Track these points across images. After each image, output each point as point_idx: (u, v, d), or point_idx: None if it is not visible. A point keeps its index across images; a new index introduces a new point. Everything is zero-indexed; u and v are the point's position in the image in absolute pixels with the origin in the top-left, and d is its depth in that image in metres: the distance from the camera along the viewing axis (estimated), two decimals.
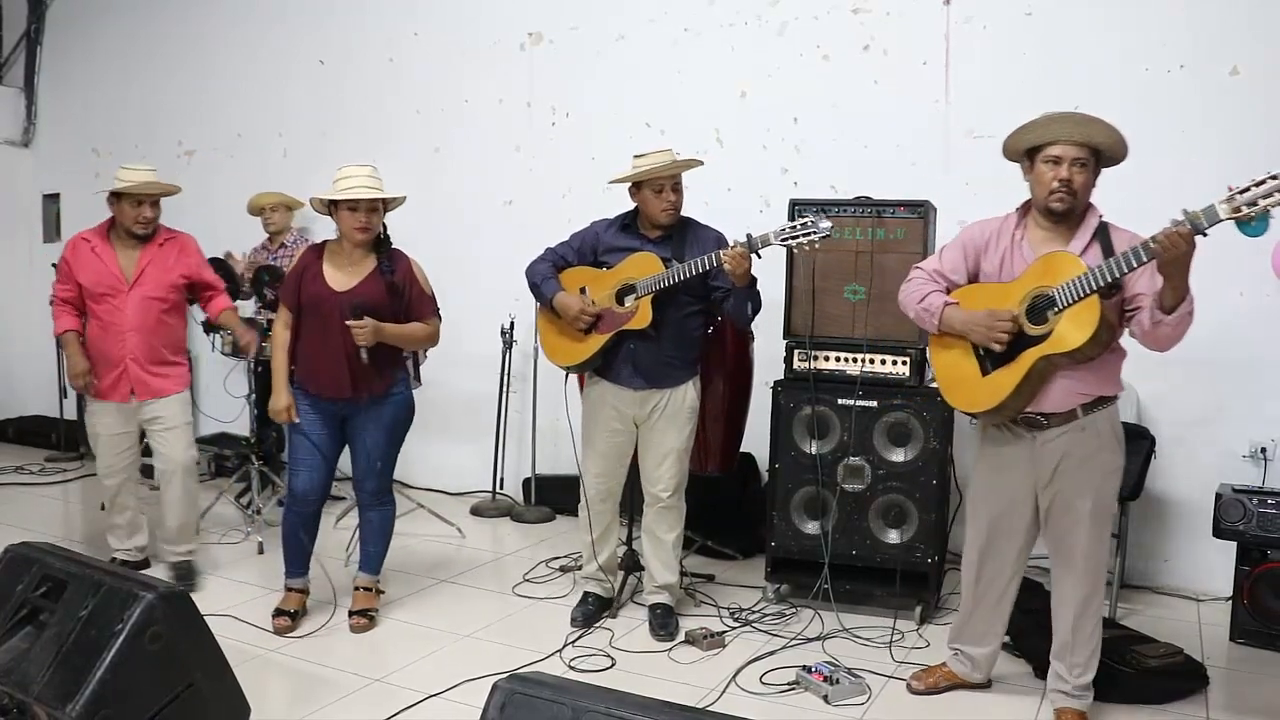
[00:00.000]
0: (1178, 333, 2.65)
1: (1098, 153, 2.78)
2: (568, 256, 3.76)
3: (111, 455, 4.11)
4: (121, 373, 3.98)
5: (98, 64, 7.04)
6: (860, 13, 4.73)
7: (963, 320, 2.91)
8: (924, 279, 3.04)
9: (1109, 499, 2.92)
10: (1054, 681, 3.03)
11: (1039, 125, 2.80)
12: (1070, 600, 2.95)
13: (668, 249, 3.58)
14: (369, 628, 3.72)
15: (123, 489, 4.17)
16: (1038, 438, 2.88)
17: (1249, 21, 4.02)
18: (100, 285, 3.96)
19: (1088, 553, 2.89)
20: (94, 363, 4.02)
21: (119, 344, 3.96)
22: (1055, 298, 2.71)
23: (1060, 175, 2.75)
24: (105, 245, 4.02)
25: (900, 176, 4.39)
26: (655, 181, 3.55)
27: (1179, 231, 2.45)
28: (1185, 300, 2.59)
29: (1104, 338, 2.69)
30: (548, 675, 2.03)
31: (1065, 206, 2.77)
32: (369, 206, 3.49)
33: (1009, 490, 2.98)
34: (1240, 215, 2.40)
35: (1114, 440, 2.88)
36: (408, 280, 3.63)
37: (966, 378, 2.92)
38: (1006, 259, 2.90)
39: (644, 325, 3.53)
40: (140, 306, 3.98)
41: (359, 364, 3.52)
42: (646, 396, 3.64)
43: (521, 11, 5.52)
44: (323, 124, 6.08)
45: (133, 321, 3.97)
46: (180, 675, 2.51)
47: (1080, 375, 2.78)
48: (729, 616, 3.85)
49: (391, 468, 3.80)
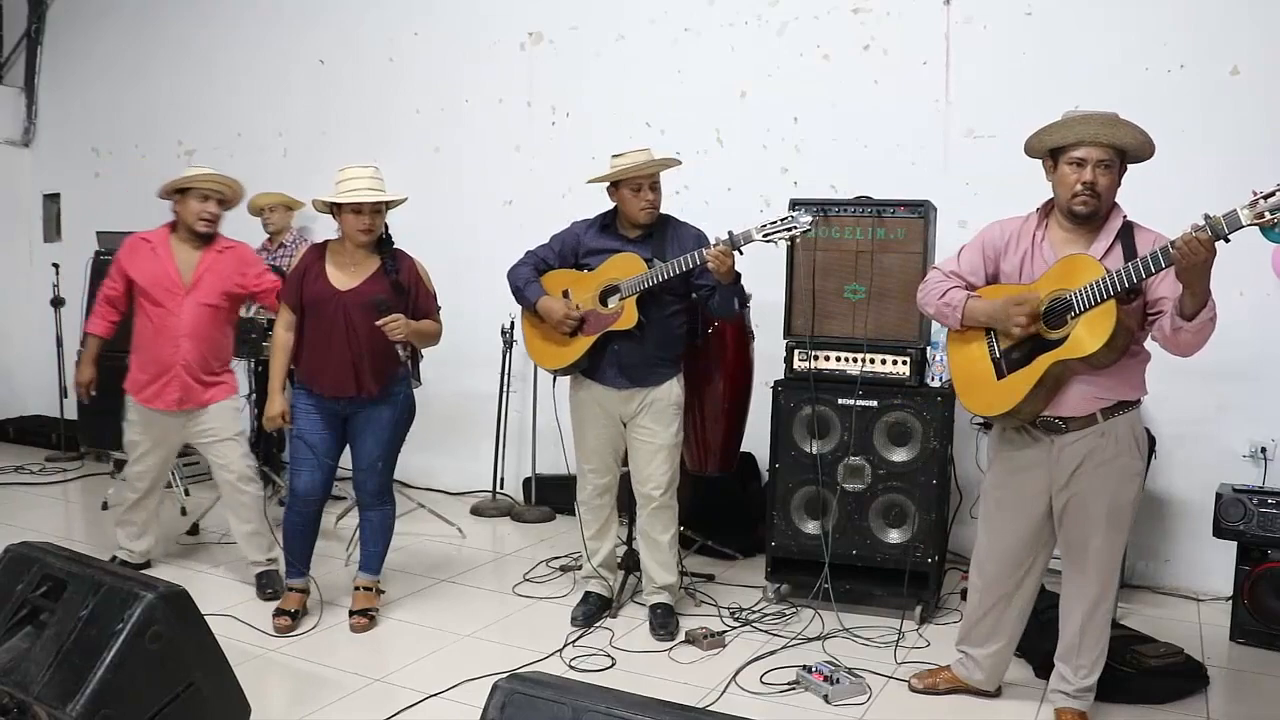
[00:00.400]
0: (1199, 339, 2.59)
1: (1123, 153, 2.73)
2: (549, 259, 3.76)
3: (144, 465, 4.05)
4: (171, 378, 3.89)
5: (98, 64, 7.04)
6: (860, 13, 4.73)
7: (986, 310, 2.85)
8: (940, 279, 3.00)
9: (1126, 503, 2.84)
10: (1056, 682, 3.01)
11: (1064, 125, 2.73)
12: (1080, 602, 2.91)
13: (648, 248, 3.59)
14: (369, 627, 3.72)
15: (149, 495, 4.12)
16: (1056, 441, 2.83)
17: (1249, 21, 4.02)
18: (156, 286, 3.89)
19: (1101, 556, 2.86)
20: (139, 364, 3.95)
21: (172, 349, 3.88)
22: (1073, 301, 2.66)
23: (1084, 178, 2.68)
24: (165, 246, 3.96)
25: (900, 176, 4.40)
26: (633, 181, 3.55)
27: (1198, 238, 2.39)
28: (1207, 306, 2.52)
29: (1120, 343, 2.63)
30: (548, 675, 2.03)
31: (1089, 210, 2.71)
32: (373, 209, 3.50)
33: (1024, 493, 2.93)
34: (1264, 221, 2.34)
35: (1134, 444, 2.82)
36: (413, 279, 3.65)
37: (982, 381, 2.88)
38: (1027, 260, 2.84)
39: (630, 325, 3.54)
40: (195, 313, 3.90)
41: (363, 362, 3.53)
42: (631, 395, 3.65)
43: (521, 11, 5.52)
44: (323, 124, 6.08)
45: (187, 327, 3.90)
46: (180, 675, 2.51)
47: (1100, 379, 2.73)
48: (729, 616, 3.85)
49: (392, 468, 3.80)
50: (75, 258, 6.46)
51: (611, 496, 3.87)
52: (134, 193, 6.73)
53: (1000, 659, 3.14)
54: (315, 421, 3.63)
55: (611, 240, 3.67)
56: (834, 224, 3.89)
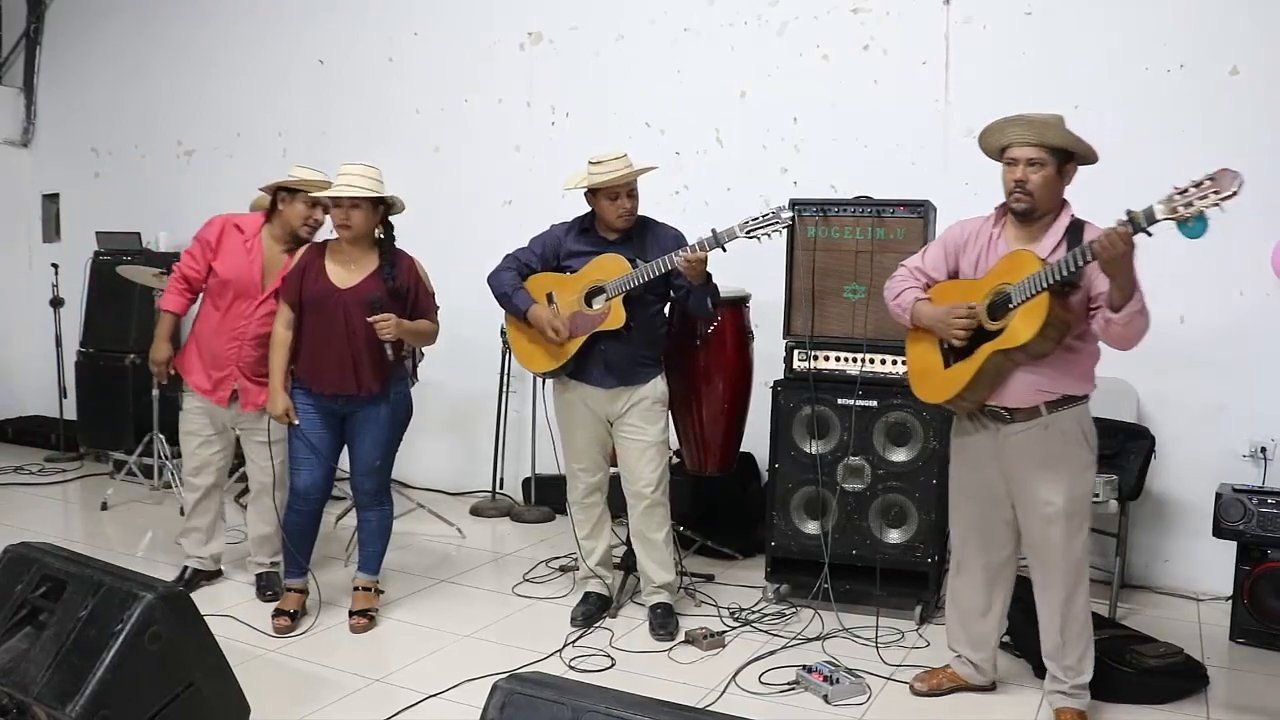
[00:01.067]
0: (1130, 331, 2.68)
1: (1067, 153, 2.83)
2: (532, 263, 3.77)
3: (205, 455, 3.95)
4: (226, 376, 3.83)
5: (97, 64, 7.04)
6: (860, 13, 4.73)
7: (929, 315, 3.00)
8: (905, 276, 3.14)
9: (1080, 495, 2.91)
10: (1051, 683, 3.03)
11: (996, 128, 2.88)
12: (1052, 602, 2.96)
13: (630, 249, 3.61)
14: (369, 628, 3.72)
15: (211, 493, 4.01)
16: (1002, 430, 2.92)
17: (1249, 21, 4.02)
18: (240, 282, 3.78)
19: (1065, 552, 2.90)
20: (197, 352, 3.85)
21: (235, 349, 3.80)
22: (1011, 294, 2.77)
23: (1016, 176, 2.82)
24: (258, 241, 3.81)
25: (900, 176, 4.39)
26: (611, 189, 3.56)
27: (1117, 232, 2.52)
28: (1133, 299, 2.62)
29: (1053, 334, 2.73)
30: (548, 675, 2.03)
31: (1024, 206, 2.84)
32: (351, 204, 3.48)
33: (980, 479, 3.03)
34: (1176, 216, 2.46)
35: (1082, 438, 2.90)
36: (412, 280, 3.65)
37: (931, 370, 3.03)
38: (982, 256, 2.97)
39: (618, 326, 3.56)
40: (266, 319, 3.76)
41: (363, 360, 3.53)
42: (618, 394, 3.67)
43: (521, 11, 5.51)
44: (323, 124, 6.08)
45: (255, 330, 3.79)
46: (180, 675, 2.51)
47: (1044, 371, 2.81)
48: (729, 616, 3.85)
49: (389, 468, 3.80)
50: (74, 258, 6.47)
51: (602, 495, 3.89)
52: (133, 193, 6.77)
53: (990, 649, 3.19)
54: (314, 420, 3.63)
55: (592, 242, 3.69)
56: (834, 224, 3.89)
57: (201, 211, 5.68)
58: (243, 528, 4.80)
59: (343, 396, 3.60)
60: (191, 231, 4.27)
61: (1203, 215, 2.46)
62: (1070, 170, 2.86)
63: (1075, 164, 2.86)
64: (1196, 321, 4.15)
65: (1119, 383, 4.19)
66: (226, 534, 4.24)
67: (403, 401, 3.74)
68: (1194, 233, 2.52)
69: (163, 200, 6.62)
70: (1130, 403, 4.18)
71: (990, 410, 2.92)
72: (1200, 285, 4.11)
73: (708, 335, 4.04)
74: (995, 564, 3.09)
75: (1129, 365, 4.15)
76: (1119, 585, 3.97)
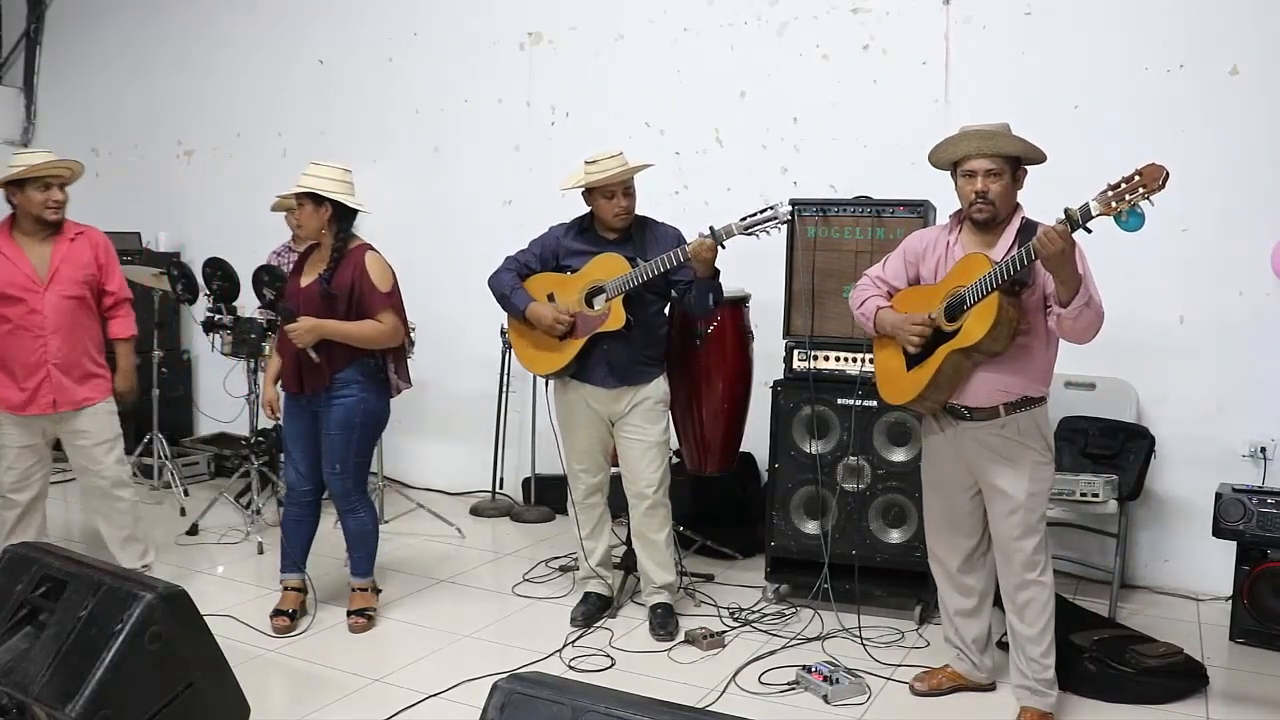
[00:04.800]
0: (1080, 325, 2.73)
1: (1017, 160, 2.90)
2: (531, 264, 3.76)
3: (24, 467, 3.73)
4: (43, 380, 3.63)
5: (97, 64, 7.04)
6: (860, 12, 4.73)
7: (889, 322, 3.09)
8: (868, 284, 3.21)
9: (1041, 493, 2.96)
10: (1016, 676, 3.06)
11: (951, 142, 2.93)
12: (1008, 592, 3.02)
13: (629, 249, 3.62)
14: (368, 627, 3.72)
15: (33, 507, 3.81)
16: (960, 426, 2.98)
17: (1249, 21, 4.02)
18: (12, 286, 3.59)
19: (1016, 545, 2.95)
20: (8, 375, 3.63)
21: (39, 348, 3.62)
22: (965, 296, 2.83)
23: (976, 188, 2.88)
24: (11, 244, 3.63)
25: (900, 176, 4.37)
26: (607, 188, 3.56)
27: (1055, 230, 2.58)
28: (1078, 294, 2.67)
29: (1004, 331, 2.78)
30: (548, 675, 2.03)
31: (985, 216, 2.90)
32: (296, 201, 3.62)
33: (946, 475, 3.09)
34: (1112, 210, 2.52)
35: (1040, 438, 2.95)
36: (356, 277, 3.56)
37: (894, 373, 3.10)
38: (940, 263, 3.04)
39: (618, 326, 3.56)
40: (58, 306, 3.64)
41: (306, 360, 3.55)
42: (620, 394, 3.67)
43: (521, 11, 5.51)
44: (322, 124, 6.08)
45: (52, 323, 3.63)
46: (180, 675, 2.51)
47: (1003, 371, 2.87)
48: (729, 616, 3.85)
49: (352, 472, 3.67)
50: None
51: (603, 495, 3.89)
52: (133, 193, 6.76)
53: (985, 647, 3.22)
54: (294, 418, 3.71)
55: (591, 242, 3.69)
56: (833, 224, 3.89)
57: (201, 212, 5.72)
58: (242, 528, 4.83)
59: (304, 396, 3.64)
60: (192, 231, 4.28)
61: (1136, 209, 2.52)
62: (1022, 174, 2.94)
63: (1024, 166, 2.94)
64: (1196, 321, 4.15)
65: (1119, 383, 4.19)
66: (226, 534, 4.24)
67: (355, 406, 3.59)
68: (1130, 227, 2.57)
69: (162, 200, 6.62)
70: (1130, 403, 4.18)
71: (951, 408, 2.99)
72: (1200, 285, 4.12)
73: (708, 335, 4.04)
74: (965, 553, 3.12)
75: (1129, 365, 4.18)
76: (1119, 585, 3.97)
